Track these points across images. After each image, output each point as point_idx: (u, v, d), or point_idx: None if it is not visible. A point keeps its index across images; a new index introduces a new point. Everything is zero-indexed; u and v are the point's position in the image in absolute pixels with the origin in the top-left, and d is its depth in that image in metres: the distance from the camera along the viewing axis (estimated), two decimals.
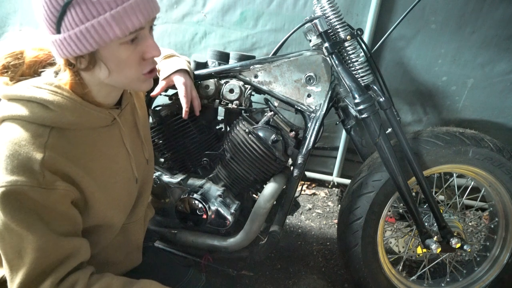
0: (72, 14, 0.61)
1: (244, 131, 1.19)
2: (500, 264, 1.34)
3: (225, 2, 1.77)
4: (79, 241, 0.73)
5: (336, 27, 1.12)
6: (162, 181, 1.27)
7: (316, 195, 2.17)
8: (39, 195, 0.64)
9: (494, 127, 1.73)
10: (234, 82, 1.22)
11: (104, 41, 0.63)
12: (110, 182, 0.80)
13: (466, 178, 1.36)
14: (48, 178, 0.65)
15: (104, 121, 0.78)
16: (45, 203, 0.66)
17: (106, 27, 0.62)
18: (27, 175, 0.63)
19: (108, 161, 0.80)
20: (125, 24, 0.63)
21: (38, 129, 0.67)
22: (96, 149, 0.77)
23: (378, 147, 1.15)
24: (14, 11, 2.02)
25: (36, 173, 0.64)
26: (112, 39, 0.64)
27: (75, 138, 0.72)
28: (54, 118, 0.68)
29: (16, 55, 0.75)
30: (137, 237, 0.99)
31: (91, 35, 0.63)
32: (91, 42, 0.63)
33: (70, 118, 0.70)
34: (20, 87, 0.70)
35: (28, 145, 0.65)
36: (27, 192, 0.63)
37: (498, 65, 1.61)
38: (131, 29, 0.64)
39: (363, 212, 1.23)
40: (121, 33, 0.63)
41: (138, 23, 0.64)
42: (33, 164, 0.64)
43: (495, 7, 1.51)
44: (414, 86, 1.74)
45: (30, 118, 0.67)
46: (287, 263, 1.62)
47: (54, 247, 0.68)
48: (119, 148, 0.84)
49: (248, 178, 1.23)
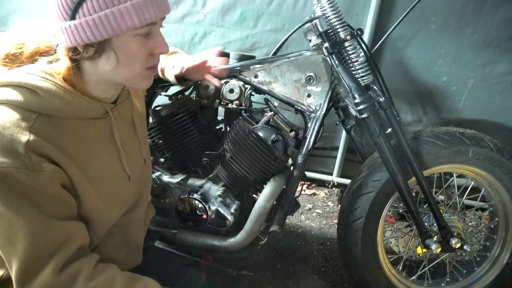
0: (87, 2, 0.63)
1: (244, 131, 1.19)
2: (500, 264, 1.33)
3: (225, 2, 1.77)
4: (74, 225, 0.72)
5: (336, 27, 1.12)
6: (162, 181, 1.27)
7: (316, 195, 2.17)
8: (26, 177, 0.63)
9: (494, 127, 1.73)
10: (234, 82, 1.22)
11: (121, 29, 0.65)
12: (97, 175, 0.78)
13: (466, 178, 1.36)
14: (34, 160, 0.64)
15: (95, 112, 0.77)
16: (34, 185, 0.64)
17: (125, 16, 0.64)
18: (12, 156, 0.62)
19: (96, 154, 0.78)
20: (143, 15, 0.66)
21: (24, 113, 0.66)
22: (84, 140, 0.75)
23: (378, 147, 1.15)
24: (14, 11, 2.02)
25: (21, 155, 0.63)
26: (130, 28, 0.66)
27: (63, 127, 0.71)
28: (42, 104, 0.68)
29: (18, 45, 0.76)
30: (137, 237, 0.98)
31: (109, 22, 0.64)
32: (108, 29, 0.65)
33: (58, 104, 0.69)
34: (12, 73, 0.70)
35: (12, 128, 0.64)
36: (14, 174, 0.62)
37: (498, 65, 1.61)
38: (149, 21, 0.67)
39: (363, 212, 1.23)
40: (139, 23, 0.66)
41: (155, 16, 0.67)
42: (17, 146, 0.63)
43: (495, 8, 1.51)
44: (414, 86, 1.74)
45: (17, 103, 0.66)
46: (287, 263, 1.62)
47: (46, 231, 0.66)
48: (108, 142, 0.82)
49: (248, 178, 1.23)
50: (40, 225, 0.66)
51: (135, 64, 0.73)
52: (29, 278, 0.67)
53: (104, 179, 0.81)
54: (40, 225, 0.66)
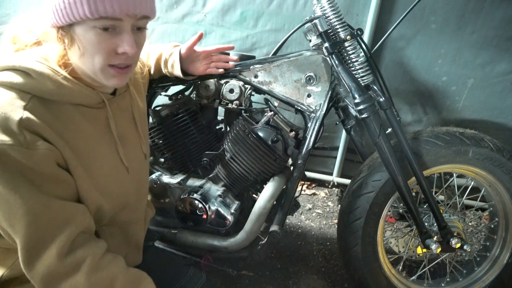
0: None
1: (244, 131, 1.19)
2: (500, 264, 1.33)
3: (225, 2, 1.77)
4: (74, 206, 0.71)
5: (336, 27, 1.12)
6: (162, 181, 1.27)
7: (316, 195, 2.17)
8: (21, 155, 0.63)
9: (494, 127, 1.73)
10: (234, 82, 1.22)
11: (74, 17, 0.65)
12: (96, 165, 0.78)
13: (466, 178, 1.36)
14: (28, 138, 0.64)
15: (89, 99, 0.77)
16: (29, 164, 0.64)
17: (77, 3, 0.64)
18: (6, 134, 0.62)
19: (94, 143, 0.78)
20: (96, 7, 0.64)
21: (18, 94, 0.67)
22: (80, 127, 0.75)
23: (378, 147, 1.15)
24: (14, 11, 2.02)
25: (14, 132, 0.63)
26: (82, 17, 0.65)
27: (58, 111, 0.71)
28: (34, 85, 0.68)
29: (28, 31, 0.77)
30: (138, 237, 0.98)
31: (65, 7, 0.65)
32: (65, 14, 0.65)
33: (50, 87, 0.70)
34: (8, 57, 0.71)
35: (6, 106, 0.64)
36: (8, 152, 0.62)
37: (498, 65, 1.61)
38: (101, 14, 0.64)
39: (363, 212, 1.23)
40: (90, 14, 0.64)
41: (111, 10, 0.64)
42: (11, 124, 0.63)
43: (495, 7, 1.51)
44: (414, 86, 1.75)
45: (11, 84, 0.67)
46: (287, 263, 1.62)
47: (44, 210, 0.66)
48: (105, 133, 0.82)
49: (248, 178, 1.23)
50: (38, 204, 0.65)
51: (96, 58, 0.70)
52: (33, 259, 0.67)
53: (103, 171, 0.80)
54: (37, 204, 0.65)
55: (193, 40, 1.08)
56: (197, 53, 1.11)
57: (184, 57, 1.10)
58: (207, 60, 1.13)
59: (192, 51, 1.10)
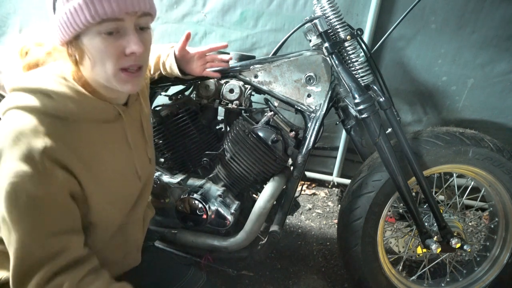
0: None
1: (244, 131, 1.19)
2: (500, 264, 1.33)
3: (225, 2, 1.77)
4: (70, 238, 0.71)
5: (336, 27, 1.12)
6: (162, 181, 1.27)
7: (316, 195, 2.17)
8: (38, 186, 0.64)
9: (494, 127, 1.73)
10: (234, 82, 1.22)
11: (78, 25, 0.65)
12: (110, 178, 0.79)
13: (466, 178, 1.36)
14: (48, 168, 0.65)
15: (108, 114, 0.78)
16: (43, 194, 0.65)
17: (78, 11, 0.63)
18: (28, 164, 0.63)
19: (110, 157, 0.79)
20: (95, 10, 0.63)
21: (40, 117, 0.67)
22: (98, 144, 0.76)
23: (378, 147, 1.15)
24: (14, 11, 2.02)
25: (36, 162, 0.64)
26: (84, 24, 0.64)
27: (78, 131, 0.72)
28: (56, 107, 0.69)
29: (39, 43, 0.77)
30: (136, 237, 0.98)
31: (68, 19, 0.65)
32: (69, 26, 0.65)
33: (72, 107, 0.70)
34: (27, 77, 0.71)
35: (29, 133, 0.65)
36: (26, 183, 0.63)
37: (498, 65, 1.61)
38: (102, 16, 0.64)
39: (363, 212, 1.23)
40: (91, 19, 0.64)
41: (110, 10, 0.64)
42: (34, 153, 0.64)
43: (495, 7, 1.51)
44: (414, 86, 1.74)
45: (32, 108, 0.68)
46: (287, 263, 1.62)
47: (38, 248, 0.67)
48: (122, 145, 0.84)
49: (248, 178, 1.23)
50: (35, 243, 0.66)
51: (107, 64, 0.70)
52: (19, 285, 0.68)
53: (115, 183, 0.81)
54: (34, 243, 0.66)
55: (182, 41, 1.06)
56: (191, 54, 1.09)
57: (179, 58, 1.09)
58: (201, 60, 1.11)
59: (185, 52, 1.08)
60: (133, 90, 0.77)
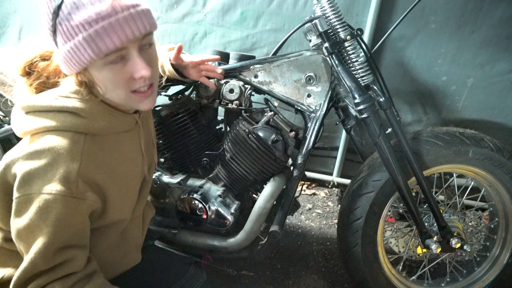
0: (58, 34, 0.64)
1: (244, 131, 1.19)
2: (500, 264, 1.34)
3: (225, 2, 1.77)
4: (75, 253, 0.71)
5: (336, 27, 1.12)
6: (162, 181, 1.27)
7: (316, 195, 2.17)
8: (69, 205, 0.66)
9: (494, 127, 1.73)
10: (234, 82, 1.22)
11: (83, 62, 0.65)
12: (128, 185, 0.82)
13: (466, 178, 1.36)
14: (80, 188, 0.67)
15: (129, 125, 0.81)
16: (71, 212, 0.67)
17: (81, 49, 0.63)
18: (64, 184, 0.65)
19: (130, 164, 0.82)
20: (97, 46, 0.63)
21: (74, 136, 0.69)
22: (121, 153, 0.79)
23: (378, 147, 1.15)
24: (14, 11, 2.02)
25: (71, 182, 0.66)
26: (89, 60, 0.64)
27: (105, 144, 0.75)
28: (87, 124, 0.71)
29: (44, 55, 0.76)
30: (136, 236, 0.98)
31: (72, 56, 0.65)
32: (74, 63, 0.66)
33: (102, 123, 0.73)
34: (47, 98, 0.71)
35: (66, 154, 0.67)
36: (59, 202, 0.65)
37: (497, 64, 1.61)
38: (104, 51, 0.64)
39: (363, 212, 1.23)
40: (95, 56, 0.64)
41: (112, 45, 0.63)
42: (70, 174, 0.66)
43: (494, 6, 1.51)
44: (414, 86, 1.74)
45: (65, 127, 0.69)
46: (287, 263, 1.62)
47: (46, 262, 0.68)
48: (137, 151, 0.87)
49: (248, 178, 1.23)
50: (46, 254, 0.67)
51: (118, 90, 0.71)
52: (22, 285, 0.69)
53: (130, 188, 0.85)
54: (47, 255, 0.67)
55: (174, 52, 1.06)
56: (186, 62, 1.09)
57: (175, 64, 1.09)
58: (196, 69, 1.12)
59: (179, 60, 1.08)
60: (150, 107, 0.78)
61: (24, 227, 0.66)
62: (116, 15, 0.62)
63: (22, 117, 0.73)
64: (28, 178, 0.65)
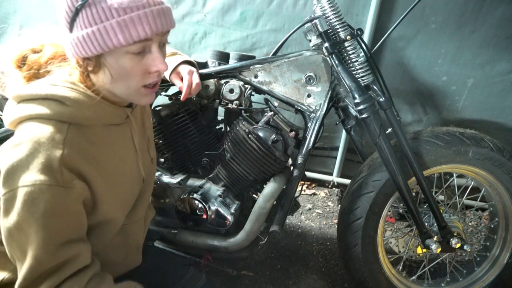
0: (83, 15, 0.63)
1: (244, 131, 1.19)
2: (500, 264, 1.34)
3: (225, 2, 1.77)
4: (79, 248, 0.71)
5: (336, 27, 1.12)
6: (162, 181, 1.27)
7: (316, 195, 2.17)
8: (56, 195, 0.64)
9: (494, 127, 1.73)
10: (234, 82, 1.22)
11: (108, 46, 0.65)
12: (119, 181, 0.80)
13: (466, 178, 1.36)
14: (66, 176, 0.65)
15: (118, 118, 0.79)
16: (60, 202, 0.65)
17: (110, 33, 0.64)
18: (47, 173, 0.63)
19: (119, 160, 0.80)
20: (129, 33, 0.64)
21: (56, 125, 0.67)
22: (109, 147, 0.77)
23: (378, 147, 1.15)
24: (14, 11, 2.02)
25: (55, 171, 0.64)
26: (116, 45, 0.65)
27: (91, 136, 0.73)
28: (71, 114, 0.69)
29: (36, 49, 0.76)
30: (137, 238, 0.98)
31: (96, 39, 0.64)
32: (96, 46, 0.65)
33: (87, 113, 0.71)
34: (34, 86, 0.71)
35: (47, 143, 0.65)
36: (45, 192, 0.63)
37: (498, 64, 1.61)
38: (135, 39, 0.65)
39: (363, 212, 1.23)
40: (124, 41, 0.65)
41: (144, 34, 0.65)
42: (52, 162, 0.64)
43: (494, 6, 1.51)
44: (414, 86, 1.74)
45: (48, 115, 0.67)
46: (287, 263, 1.62)
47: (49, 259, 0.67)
48: (129, 147, 0.85)
49: (248, 178, 1.23)
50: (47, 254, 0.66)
51: (130, 81, 0.72)
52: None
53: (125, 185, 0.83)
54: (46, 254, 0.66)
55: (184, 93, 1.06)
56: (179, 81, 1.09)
57: None
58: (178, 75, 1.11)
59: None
60: (148, 103, 0.79)
61: (14, 225, 0.64)
62: (149, 7, 0.65)
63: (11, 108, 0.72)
64: (11, 171, 0.63)
